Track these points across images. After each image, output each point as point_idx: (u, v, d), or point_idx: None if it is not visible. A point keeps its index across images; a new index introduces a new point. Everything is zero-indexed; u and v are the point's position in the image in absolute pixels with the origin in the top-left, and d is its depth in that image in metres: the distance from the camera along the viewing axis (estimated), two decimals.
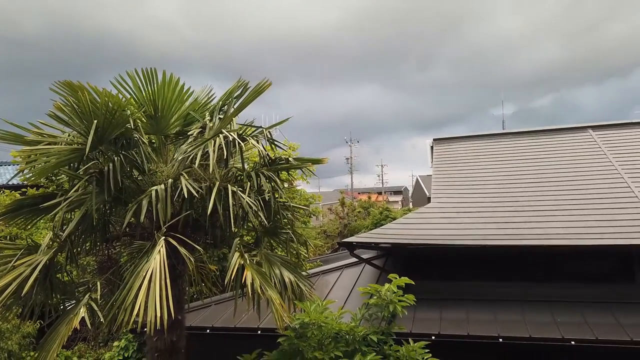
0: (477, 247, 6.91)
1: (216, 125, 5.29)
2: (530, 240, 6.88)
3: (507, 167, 9.94)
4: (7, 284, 4.16)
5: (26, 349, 8.68)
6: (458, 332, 6.27)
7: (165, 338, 5.05)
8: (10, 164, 22.36)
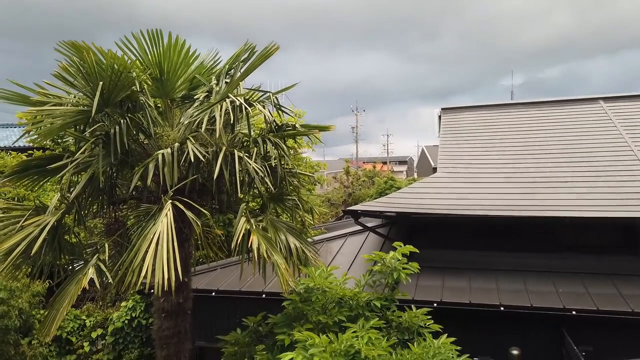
0: (481, 217, 6.91)
1: (222, 89, 5.23)
2: (535, 211, 6.88)
3: (515, 138, 9.84)
4: (16, 243, 4.21)
5: (36, 307, 8.89)
6: (460, 299, 6.35)
7: (172, 299, 5.15)
8: (15, 126, 22.38)
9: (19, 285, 8.33)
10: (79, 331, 9.45)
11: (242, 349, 5.46)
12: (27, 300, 8.54)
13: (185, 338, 5.34)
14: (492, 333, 6.35)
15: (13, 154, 13.29)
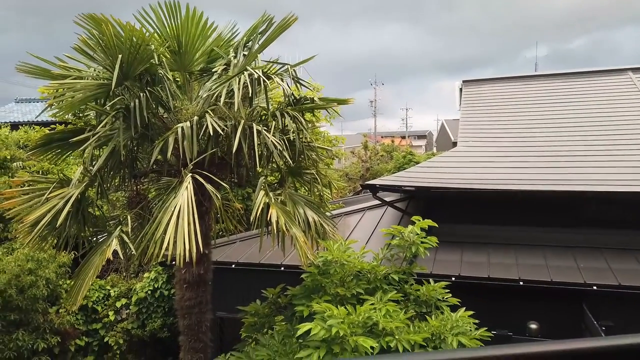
0: (502, 191, 6.83)
1: (240, 62, 5.19)
2: (557, 185, 6.76)
3: (539, 111, 9.61)
4: (42, 215, 4.32)
5: (62, 278, 9.19)
6: (478, 274, 6.34)
7: (193, 270, 5.25)
8: (38, 101, 22.71)
9: (46, 256, 8.60)
10: (104, 301, 9.76)
11: (262, 320, 5.56)
12: (53, 271, 8.83)
13: (206, 308, 5.46)
14: (511, 307, 6.35)
15: (36, 128, 13.53)
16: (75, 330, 9.32)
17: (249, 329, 5.59)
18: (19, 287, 8.29)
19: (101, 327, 9.54)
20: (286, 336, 4.69)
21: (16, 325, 8.49)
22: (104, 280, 10.08)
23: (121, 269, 10.57)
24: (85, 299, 9.32)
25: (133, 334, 9.36)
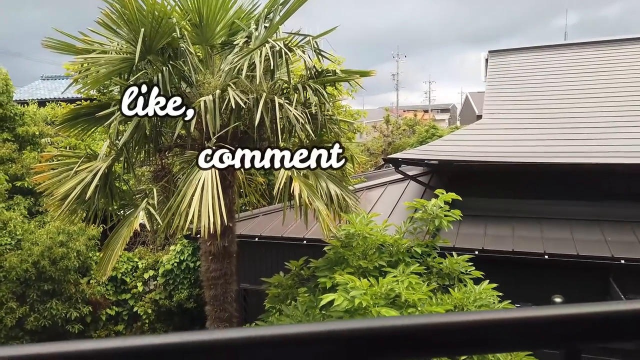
0: (528, 164, 6.70)
1: (262, 34, 5.14)
2: (586, 158, 6.59)
3: (569, 81, 9.31)
4: (71, 188, 4.43)
5: (92, 250, 9.49)
6: (502, 247, 6.29)
7: (217, 243, 5.34)
8: (63, 78, 23.05)
9: (76, 229, 8.87)
10: (133, 272, 10.06)
11: (285, 291, 5.66)
12: (83, 243, 9.11)
13: (231, 280, 5.58)
14: (535, 281, 6.30)
15: (62, 105, 13.77)
16: (106, 300, 9.66)
17: (272, 300, 5.70)
18: (51, 259, 8.61)
19: (130, 298, 9.87)
20: (309, 307, 4.76)
21: (50, 295, 8.85)
22: (132, 253, 10.37)
23: (148, 242, 10.84)
24: (114, 271, 9.63)
25: (161, 304, 9.66)
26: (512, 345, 0.68)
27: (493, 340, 0.59)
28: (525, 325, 0.57)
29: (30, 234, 8.95)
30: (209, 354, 0.51)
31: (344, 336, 0.53)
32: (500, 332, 0.58)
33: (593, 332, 0.58)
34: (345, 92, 12.21)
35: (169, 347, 0.50)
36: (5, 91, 11.31)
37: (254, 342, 0.51)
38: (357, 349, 0.54)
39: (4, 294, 8.50)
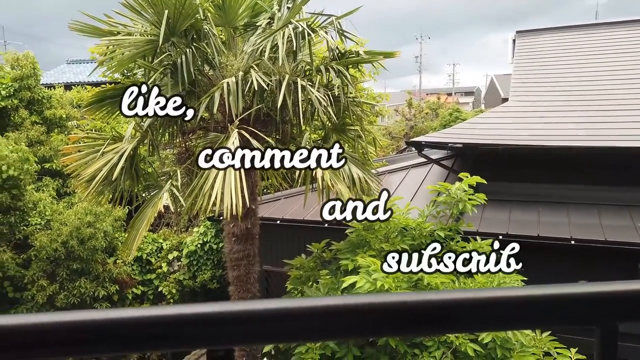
0: (555, 148, 6.54)
1: (285, 15, 5.09)
2: (614, 141, 6.39)
3: (599, 62, 8.99)
4: (97, 169, 4.51)
5: (118, 231, 9.71)
6: (527, 232, 6.18)
7: (240, 225, 5.39)
8: (88, 62, 23.36)
9: (103, 210, 9.07)
10: (157, 253, 10.27)
11: (307, 273, 5.69)
12: (110, 224, 9.33)
13: (254, 261, 5.64)
14: (561, 266, 6.19)
15: (88, 88, 13.98)
16: (132, 279, 9.91)
17: (294, 282, 5.74)
18: (79, 239, 8.84)
19: (155, 277, 10.10)
20: (331, 289, 4.79)
21: (79, 274, 9.11)
22: (157, 234, 10.58)
23: (172, 223, 11.03)
24: (139, 251, 9.85)
25: (185, 284, 9.86)
26: (546, 322, 0.67)
27: (527, 316, 0.59)
28: (560, 301, 0.57)
29: (59, 214, 9.20)
30: (243, 323, 0.52)
31: (364, 310, 0.54)
32: (535, 308, 0.57)
33: (630, 310, 0.58)
34: (368, 75, 12.08)
35: (206, 316, 0.51)
36: (33, 75, 11.53)
37: (283, 314, 0.53)
38: (378, 322, 0.55)
39: (35, 272, 8.79)
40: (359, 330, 0.58)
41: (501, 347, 3.88)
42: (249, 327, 0.52)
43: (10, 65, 11.79)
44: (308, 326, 0.54)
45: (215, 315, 0.51)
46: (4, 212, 8.56)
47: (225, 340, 0.53)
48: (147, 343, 0.53)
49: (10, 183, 8.49)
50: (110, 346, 0.50)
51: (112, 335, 0.50)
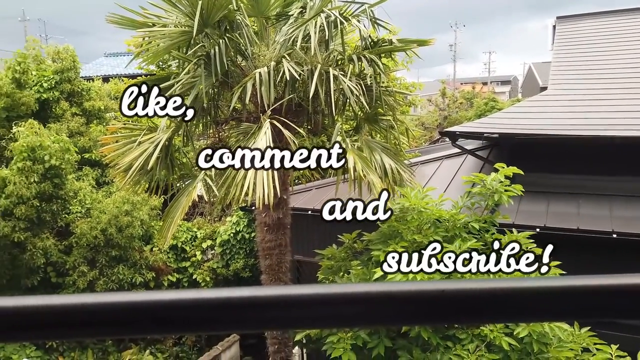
0: (597, 138, 6.28)
1: (317, 4, 5.06)
2: None
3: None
4: (134, 158, 4.63)
5: (154, 219, 9.97)
6: (566, 225, 5.98)
7: (272, 214, 5.44)
8: (124, 55, 23.92)
9: (139, 199, 9.32)
10: (192, 242, 10.50)
11: (338, 263, 5.69)
12: (146, 213, 9.58)
13: (285, 250, 5.69)
14: (601, 260, 5.98)
15: (125, 80, 14.33)
16: (168, 267, 10.17)
17: (325, 272, 5.76)
18: (117, 227, 9.12)
19: (190, 265, 10.33)
20: (362, 279, 4.77)
21: (117, 261, 9.42)
22: (191, 223, 10.81)
23: (206, 213, 11.24)
24: (175, 239, 10.09)
25: (218, 272, 10.05)
26: (588, 314, 0.63)
27: (567, 307, 0.56)
28: (604, 293, 0.55)
29: (98, 203, 9.51)
30: (278, 308, 0.52)
31: (400, 298, 0.53)
32: (575, 299, 0.55)
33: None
34: (401, 64, 11.91)
35: (241, 300, 0.51)
36: (72, 67, 11.90)
37: (317, 300, 0.52)
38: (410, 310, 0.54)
39: (76, 258, 9.13)
40: (394, 319, 0.57)
41: (537, 342, 3.78)
42: (283, 312, 0.51)
43: (51, 59, 12.20)
44: (342, 313, 0.53)
45: (250, 299, 0.51)
46: (47, 200, 8.90)
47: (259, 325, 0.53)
48: (185, 325, 0.53)
49: (53, 172, 8.82)
50: (149, 328, 0.51)
51: (152, 317, 0.51)
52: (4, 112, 10.56)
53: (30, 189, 8.38)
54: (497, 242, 4.49)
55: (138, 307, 0.51)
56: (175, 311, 0.52)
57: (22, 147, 8.50)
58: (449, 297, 0.53)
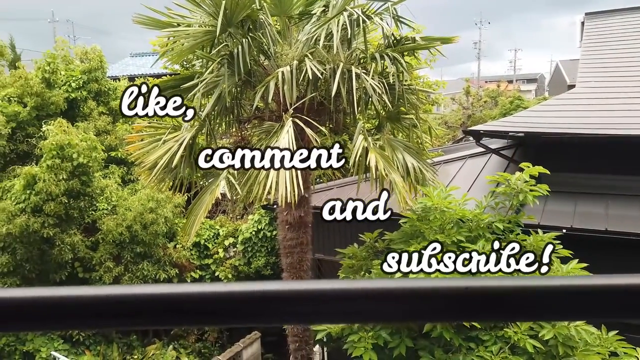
0: (626, 137, 6.10)
1: (339, 2, 5.05)
2: None
3: None
4: (159, 156, 4.70)
5: (178, 217, 10.11)
6: (594, 226, 5.84)
7: (293, 213, 5.46)
8: (150, 54, 24.30)
9: (164, 196, 9.47)
10: (214, 239, 10.61)
11: (359, 262, 5.68)
12: (170, 210, 9.73)
13: (306, 249, 5.70)
14: (631, 263, 5.81)
15: (150, 80, 14.57)
16: (191, 264, 10.31)
17: (346, 271, 5.75)
18: (142, 224, 9.29)
19: (212, 263, 10.46)
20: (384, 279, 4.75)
21: (142, 257, 9.59)
22: (214, 221, 10.93)
23: (228, 210, 11.35)
24: (197, 237, 10.22)
25: (240, 270, 10.14)
26: (615, 314, 0.61)
27: (593, 306, 0.55)
28: (633, 293, 0.53)
29: (124, 200, 9.70)
30: (299, 303, 0.53)
31: (422, 294, 0.53)
32: (603, 298, 0.54)
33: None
34: (424, 62, 11.78)
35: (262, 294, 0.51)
36: (100, 67, 12.16)
37: (340, 295, 0.52)
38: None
39: (103, 254, 9.34)
40: (417, 315, 0.57)
41: (563, 345, 3.71)
42: (306, 306, 0.52)
43: (79, 59, 12.49)
44: (364, 308, 0.53)
45: (272, 293, 0.52)
46: (74, 197, 9.12)
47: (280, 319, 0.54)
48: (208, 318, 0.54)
49: (80, 170, 9.03)
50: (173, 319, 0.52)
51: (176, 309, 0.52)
52: (34, 111, 10.86)
53: (59, 186, 8.60)
54: (497, 242, 4.41)
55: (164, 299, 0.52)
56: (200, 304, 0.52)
57: (52, 145, 8.73)
58: (472, 294, 0.52)
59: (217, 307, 0.52)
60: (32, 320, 0.53)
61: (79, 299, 0.51)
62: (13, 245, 8.78)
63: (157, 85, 5.32)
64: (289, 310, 0.52)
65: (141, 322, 0.55)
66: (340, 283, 0.52)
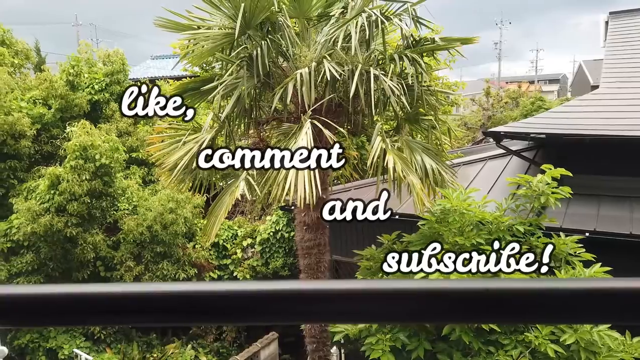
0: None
1: (358, 4, 5.05)
2: None
3: None
4: (179, 157, 4.76)
5: (197, 217, 10.23)
6: (618, 229, 5.71)
7: (311, 214, 5.46)
8: (171, 57, 24.63)
9: (183, 197, 9.59)
10: (233, 240, 10.70)
11: (377, 264, 5.66)
12: (190, 211, 9.84)
13: (324, 250, 5.71)
14: None
15: (171, 82, 14.77)
16: (209, 264, 10.41)
17: (364, 272, 5.73)
18: (162, 224, 9.42)
19: (231, 263, 10.54)
20: None
21: (161, 257, 9.72)
22: (232, 222, 11.02)
23: (246, 211, 11.43)
24: (216, 237, 10.32)
25: (258, 270, 10.20)
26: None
27: (615, 310, 0.54)
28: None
29: (144, 200, 9.85)
30: (315, 302, 0.53)
31: (441, 294, 0.53)
32: (624, 302, 0.53)
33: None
34: (443, 63, 11.69)
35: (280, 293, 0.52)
36: (122, 70, 12.39)
37: (357, 294, 0.53)
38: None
39: (124, 253, 9.50)
40: (436, 316, 0.57)
41: (585, 350, 3.63)
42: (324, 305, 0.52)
43: (102, 62, 12.73)
44: (383, 309, 0.53)
45: (290, 292, 0.52)
46: (97, 197, 9.30)
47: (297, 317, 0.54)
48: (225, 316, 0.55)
49: (103, 170, 9.21)
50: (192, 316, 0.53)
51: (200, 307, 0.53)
52: (59, 113, 11.11)
53: (82, 186, 8.78)
54: (497, 242, 4.35)
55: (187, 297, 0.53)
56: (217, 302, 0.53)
57: (75, 146, 8.92)
58: (493, 296, 0.52)
59: (231, 305, 0.53)
60: (54, 315, 0.55)
61: (99, 295, 0.53)
62: (37, 244, 9.00)
63: (176, 94, 5.40)
64: (310, 310, 0.53)
65: (158, 319, 0.56)
66: (361, 283, 0.53)
